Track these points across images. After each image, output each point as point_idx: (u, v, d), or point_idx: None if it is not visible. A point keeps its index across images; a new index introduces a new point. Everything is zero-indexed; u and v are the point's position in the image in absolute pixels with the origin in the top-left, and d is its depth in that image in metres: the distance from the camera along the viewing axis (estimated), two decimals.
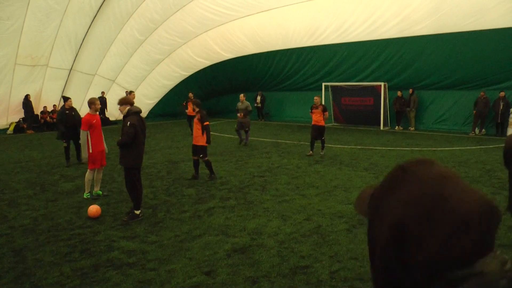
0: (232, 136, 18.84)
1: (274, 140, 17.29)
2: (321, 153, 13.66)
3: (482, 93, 18.85)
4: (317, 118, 13.53)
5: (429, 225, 0.85)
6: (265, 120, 26.58)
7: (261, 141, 17.05)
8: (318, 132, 13.49)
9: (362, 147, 15.49)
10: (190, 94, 20.16)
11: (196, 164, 10.46)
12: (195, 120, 10.25)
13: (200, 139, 10.15)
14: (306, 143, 16.30)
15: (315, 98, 13.82)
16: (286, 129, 21.38)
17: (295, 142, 16.61)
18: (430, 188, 0.89)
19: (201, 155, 10.22)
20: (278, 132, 20.20)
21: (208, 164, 10.36)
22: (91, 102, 9.00)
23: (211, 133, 10.70)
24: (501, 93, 18.35)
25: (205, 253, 5.85)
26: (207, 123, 10.13)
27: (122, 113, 7.54)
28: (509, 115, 18.38)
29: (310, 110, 13.97)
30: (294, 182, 10.07)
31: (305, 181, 10.21)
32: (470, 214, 0.84)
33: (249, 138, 16.38)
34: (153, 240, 6.38)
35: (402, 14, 19.49)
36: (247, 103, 15.67)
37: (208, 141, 10.19)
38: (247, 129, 16.02)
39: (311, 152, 13.73)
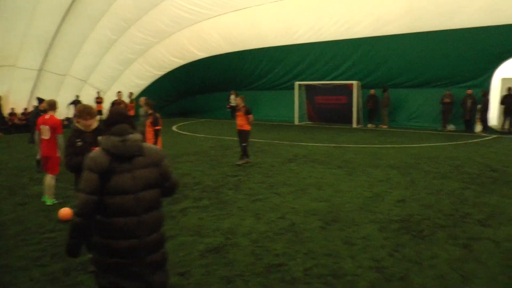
0: (206, 135, 18.76)
1: None
2: (237, 162, 12.19)
3: (447, 92, 19.37)
4: (239, 121, 12.22)
5: (108, 117, 3.20)
6: None
7: (235, 140, 16.95)
8: (239, 137, 12.36)
9: (336, 145, 15.63)
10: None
11: None
12: (147, 123, 9.91)
13: (151, 143, 9.89)
14: (280, 142, 16.37)
15: (237, 99, 12.66)
16: (259, 128, 21.35)
17: (269, 141, 16.63)
18: (113, 109, 3.28)
19: None
20: (252, 131, 20.16)
21: None
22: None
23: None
24: (468, 90, 18.78)
25: (179, 254, 5.79)
26: (159, 127, 9.81)
27: (93, 126, 5.72)
28: (476, 112, 18.84)
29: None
30: (267, 181, 10.09)
31: (278, 179, 10.23)
32: (112, 117, 3.18)
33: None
34: None
35: (374, 13, 19.78)
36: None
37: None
38: None
39: (248, 159, 12.41)
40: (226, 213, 7.64)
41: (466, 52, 18.68)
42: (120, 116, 3.20)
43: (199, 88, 28.50)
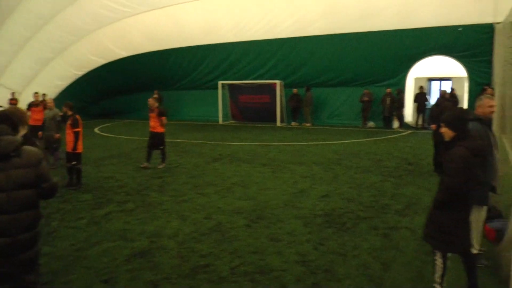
0: (129, 137, 18.34)
1: (171, 140, 17.00)
2: (159, 166, 11.68)
3: (365, 90, 20.25)
4: (152, 123, 11.67)
5: None
6: None
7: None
8: (154, 140, 11.70)
9: (260, 143, 15.81)
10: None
11: (70, 171, 9.72)
12: (67, 124, 9.51)
13: (73, 145, 9.48)
14: (205, 142, 16.33)
15: (149, 100, 11.92)
16: (183, 128, 21.20)
17: (193, 141, 16.53)
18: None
19: (74, 162, 9.59)
20: (176, 131, 19.94)
21: (79, 172, 9.73)
22: None
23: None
24: (388, 89, 19.75)
25: (104, 260, 5.60)
26: (78, 129, 9.44)
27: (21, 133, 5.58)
28: (394, 109, 19.86)
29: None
30: (192, 181, 10.01)
31: (203, 179, 10.19)
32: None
33: (59, 159, 11.87)
34: (47, 251, 5.92)
35: (296, 14, 20.31)
36: (57, 110, 11.54)
37: (74, 149, 9.43)
38: (55, 145, 11.74)
39: (145, 164, 11.68)
40: (151, 215, 7.50)
41: (383, 53, 19.69)
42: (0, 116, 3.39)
43: (122, 88, 27.65)
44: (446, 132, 4.17)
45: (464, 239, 4.19)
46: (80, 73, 25.48)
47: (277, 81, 22.07)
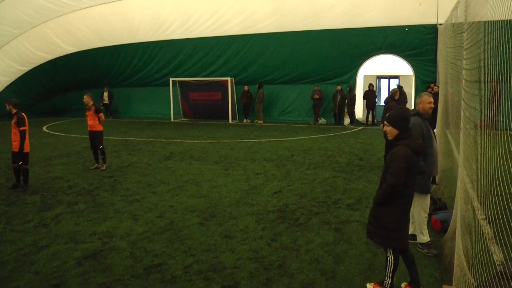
0: (79, 136, 17.88)
1: (123, 138, 16.78)
2: (101, 168, 11.20)
3: (316, 88, 20.57)
4: (90, 122, 11.27)
5: None
6: (113, 117, 25.67)
7: (110, 139, 16.42)
8: (93, 140, 11.26)
9: (212, 141, 15.80)
10: None
11: (17, 172, 9.33)
12: (12, 123, 9.11)
13: (18, 145, 9.08)
14: (157, 140, 16.17)
15: (84, 97, 11.40)
16: (135, 126, 20.91)
17: (145, 139, 16.34)
18: None
19: (20, 163, 9.18)
20: (127, 129, 19.66)
21: (25, 173, 9.35)
22: None
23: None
24: (338, 86, 20.16)
25: (53, 264, 5.43)
26: (24, 128, 9.04)
27: None
28: (345, 106, 20.32)
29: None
30: (144, 180, 9.89)
31: (156, 178, 10.09)
32: None
33: None
34: None
35: (245, 12, 20.46)
36: None
37: (20, 149, 9.02)
38: None
39: (95, 165, 11.39)
40: (102, 216, 7.36)
41: (333, 51, 20.14)
42: None
43: (70, 85, 26.86)
44: (390, 131, 4.32)
45: (406, 235, 4.38)
46: (25, 68, 24.56)
47: (228, 78, 22.09)
